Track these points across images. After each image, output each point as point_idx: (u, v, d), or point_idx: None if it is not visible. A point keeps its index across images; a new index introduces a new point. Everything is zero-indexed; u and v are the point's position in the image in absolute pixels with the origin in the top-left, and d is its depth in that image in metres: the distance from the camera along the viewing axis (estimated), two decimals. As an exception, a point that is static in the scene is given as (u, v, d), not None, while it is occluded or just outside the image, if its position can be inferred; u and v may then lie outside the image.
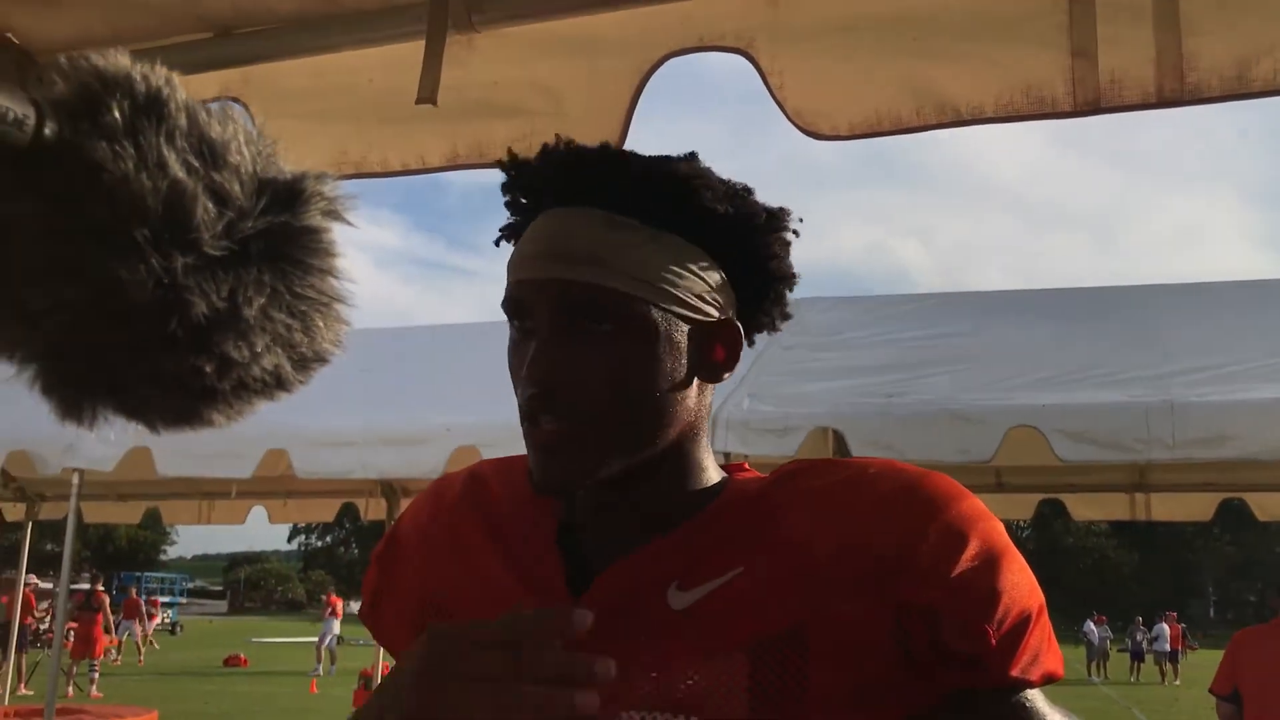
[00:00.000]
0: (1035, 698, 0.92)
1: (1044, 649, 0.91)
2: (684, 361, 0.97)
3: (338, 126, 1.90)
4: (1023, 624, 0.89)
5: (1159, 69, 1.50)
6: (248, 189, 0.84)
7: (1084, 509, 7.25)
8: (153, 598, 28.26)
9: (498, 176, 1.03)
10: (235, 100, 1.91)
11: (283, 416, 5.56)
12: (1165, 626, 27.27)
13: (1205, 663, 23.47)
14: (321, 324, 0.90)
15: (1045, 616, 0.92)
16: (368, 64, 1.87)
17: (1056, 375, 4.70)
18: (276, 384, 0.88)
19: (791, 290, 1.05)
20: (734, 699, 0.88)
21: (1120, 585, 65.59)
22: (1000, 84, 1.58)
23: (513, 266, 0.99)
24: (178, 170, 0.79)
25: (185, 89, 0.85)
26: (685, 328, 0.97)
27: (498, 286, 0.99)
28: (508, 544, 1.04)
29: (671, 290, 0.95)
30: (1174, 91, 1.50)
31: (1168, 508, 6.83)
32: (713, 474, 1.02)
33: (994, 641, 0.88)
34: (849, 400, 4.76)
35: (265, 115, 1.91)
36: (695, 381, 0.99)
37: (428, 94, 1.69)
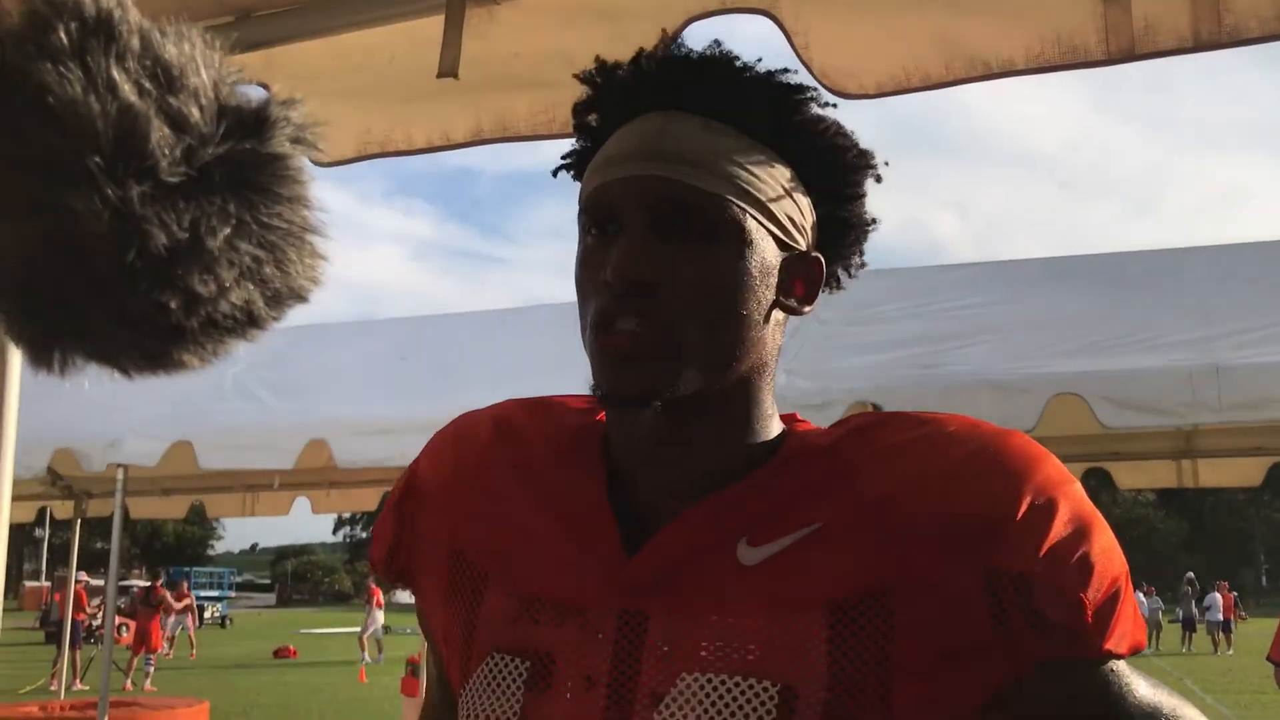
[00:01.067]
0: (1124, 668, 0.89)
1: (1132, 620, 0.88)
2: (771, 282, 0.92)
3: (361, 105, 1.90)
4: (1115, 594, 0.86)
5: (1195, 12, 1.46)
6: (208, 113, 0.80)
7: (1130, 477, 7.13)
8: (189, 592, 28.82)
9: (527, 163, 1.02)
10: (258, 84, 1.91)
11: (322, 406, 5.64)
12: (1218, 595, 26.95)
13: (1258, 632, 23.21)
14: (295, 257, 0.85)
15: (1130, 584, 0.89)
16: (389, 41, 1.86)
17: (1097, 341, 4.62)
18: (249, 321, 0.84)
19: (867, 239, 1.01)
20: (811, 662, 0.82)
21: (1169, 555, 64.94)
22: (1030, 34, 1.54)
23: (596, 169, 0.93)
24: (129, 93, 0.75)
25: None
26: (775, 247, 0.92)
27: (530, 273, 0.96)
28: (549, 495, 0.97)
29: (767, 203, 0.91)
30: (1211, 35, 1.46)
31: (1216, 474, 6.70)
32: (775, 423, 0.97)
33: (1090, 613, 0.84)
34: (888, 373, 4.71)
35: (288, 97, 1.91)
36: (775, 311, 0.94)
37: (449, 67, 1.68)
